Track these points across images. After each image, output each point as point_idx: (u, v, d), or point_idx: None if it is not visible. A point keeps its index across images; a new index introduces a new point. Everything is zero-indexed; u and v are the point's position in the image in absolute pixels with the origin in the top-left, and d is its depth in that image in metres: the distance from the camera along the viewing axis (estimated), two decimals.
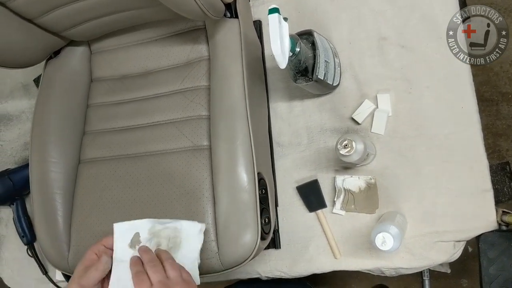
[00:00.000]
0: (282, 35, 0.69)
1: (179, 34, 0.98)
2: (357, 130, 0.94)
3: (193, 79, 0.94)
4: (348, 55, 0.96)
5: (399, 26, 0.93)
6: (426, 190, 0.88)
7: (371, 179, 0.91)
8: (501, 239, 0.84)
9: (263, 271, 0.99)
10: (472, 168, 0.86)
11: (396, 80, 0.92)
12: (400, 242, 0.76)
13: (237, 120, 0.84)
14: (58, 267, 0.95)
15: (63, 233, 0.94)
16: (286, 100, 1.01)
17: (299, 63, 0.78)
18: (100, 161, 0.97)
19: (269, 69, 1.03)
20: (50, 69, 1.03)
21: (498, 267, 0.84)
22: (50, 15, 0.90)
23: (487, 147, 0.87)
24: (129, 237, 0.73)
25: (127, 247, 0.73)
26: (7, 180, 1.10)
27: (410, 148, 0.90)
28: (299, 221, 0.97)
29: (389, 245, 0.75)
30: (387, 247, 0.75)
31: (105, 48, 1.05)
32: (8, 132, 1.28)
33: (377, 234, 0.75)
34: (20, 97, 1.28)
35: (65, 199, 0.95)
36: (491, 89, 1.46)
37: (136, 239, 0.74)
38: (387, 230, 0.75)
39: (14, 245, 1.20)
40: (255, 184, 0.81)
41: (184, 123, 0.92)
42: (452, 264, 0.96)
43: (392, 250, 0.75)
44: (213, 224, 0.83)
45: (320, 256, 0.94)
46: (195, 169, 0.87)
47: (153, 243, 0.74)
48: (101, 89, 1.03)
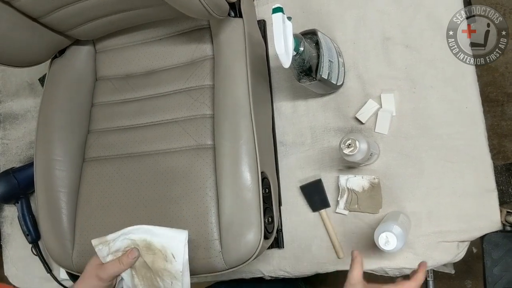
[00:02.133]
0: (286, 35, 0.69)
1: (183, 33, 0.99)
2: (361, 130, 0.94)
3: (197, 78, 0.94)
4: (352, 54, 0.96)
5: (403, 25, 0.93)
6: (430, 190, 0.88)
7: (374, 179, 0.91)
8: (505, 240, 0.84)
9: (266, 271, 0.99)
10: (476, 168, 0.86)
11: (400, 80, 0.92)
12: (404, 242, 0.75)
13: (241, 119, 0.84)
14: (62, 265, 0.95)
15: (67, 231, 0.94)
16: (290, 100, 1.01)
17: (303, 62, 0.78)
18: (104, 159, 0.97)
19: (273, 69, 1.03)
20: (55, 68, 1.04)
21: (502, 268, 0.84)
22: (55, 14, 0.90)
23: (492, 147, 0.87)
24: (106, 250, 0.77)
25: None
26: (12, 179, 1.10)
27: (414, 148, 0.90)
28: (303, 220, 0.97)
29: (392, 244, 0.74)
30: (390, 247, 0.74)
31: (110, 47, 1.06)
32: (13, 130, 1.29)
33: (380, 233, 0.75)
34: (25, 96, 1.29)
35: (69, 198, 0.96)
36: (497, 89, 1.46)
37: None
38: (390, 229, 0.74)
39: (19, 243, 1.21)
40: (258, 183, 0.82)
41: (188, 122, 0.92)
42: (456, 265, 0.95)
43: (395, 250, 0.74)
44: (216, 223, 0.83)
45: (323, 256, 0.94)
46: (199, 168, 0.87)
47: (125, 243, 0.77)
48: (106, 88, 1.04)
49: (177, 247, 0.75)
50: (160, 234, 0.76)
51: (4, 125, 1.30)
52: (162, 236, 0.75)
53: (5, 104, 1.31)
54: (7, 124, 1.30)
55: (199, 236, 0.84)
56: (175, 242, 0.75)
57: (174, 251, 0.75)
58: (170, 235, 0.75)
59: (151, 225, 0.76)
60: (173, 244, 0.75)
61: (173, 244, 0.75)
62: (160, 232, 0.76)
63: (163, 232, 0.76)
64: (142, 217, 0.89)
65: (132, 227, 0.76)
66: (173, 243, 0.75)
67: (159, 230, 0.76)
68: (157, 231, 0.76)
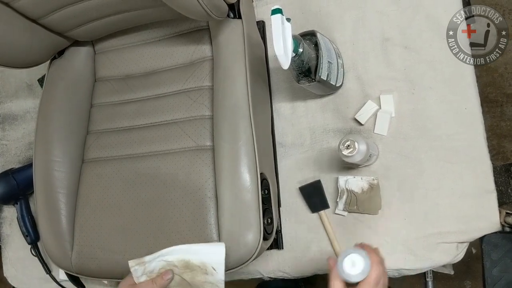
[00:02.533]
0: (285, 36, 0.69)
1: (182, 35, 0.99)
2: (360, 131, 0.94)
3: (197, 79, 0.94)
4: (351, 55, 0.96)
5: (402, 26, 0.93)
6: (429, 191, 0.88)
7: (373, 180, 0.91)
8: (504, 241, 0.84)
9: (265, 271, 0.99)
10: (476, 169, 0.86)
11: (399, 81, 0.92)
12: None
13: (240, 120, 0.84)
14: (61, 266, 0.95)
15: (66, 232, 0.94)
16: (289, 101, 1.01)
17: (302, 63, 0.78)
18: (103, 160, 0.97)
19: (272, 70, 1.03)
20: (54, 69, 1.04)
21: (502, 269, 0.84)
22: (55, 15, 0.90)
23: (491, 148, 0.87)
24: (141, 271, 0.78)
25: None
26: (11, 180, 1.10)
27: (413, 149, 0.90)
28: (302, 221, 0.97)
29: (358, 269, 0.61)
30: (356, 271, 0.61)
31: (109, 48, 1.06)
32: (12, 131, 1.29)
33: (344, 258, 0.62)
34: (24, 96, 1.29)
35: (68, 199, 0.96)
36: (496, 90, 1.46)
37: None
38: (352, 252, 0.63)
39: (18, 244, 1.21)
40: (257, 184, 0.81)
41: (187, 123, 0.92)
42: (455, 266, 0.95)
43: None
44: (215, 224, 0.83)
45: (322, 257, 0.94)
46: (198, 169, 0.87)
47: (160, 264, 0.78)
48: (105, 89, 1.04)
49: (218, 260, 0.77)
50: (198, 251, 0.77)
51: (3, 126, 1.30)
52: (200, 253, 0.77)
53: (4, 105, 1.31)
54: (6, 125, 1.30)
55: (198, 237, 0.83)
56: (215, 256, 0.77)
57: (215, 264, 0.77)
58: (209, 251, 0.77)
59: (185, 243, 0.78)
60: (213, 258, 0.77)
61: (213, 258, 0.77)
62: (197, 249, 0.78)
63: (200, 248, 0.78)
64: (141, 218, 0.89)
65: (169, 249, 0.78)
66: (213, 258, 0.77)
67: (196, 247, 0.78)
68: (194, 248, 0.78)
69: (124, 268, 0.83)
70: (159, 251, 0.78)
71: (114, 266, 0.89)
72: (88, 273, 0.93)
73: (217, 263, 0.77)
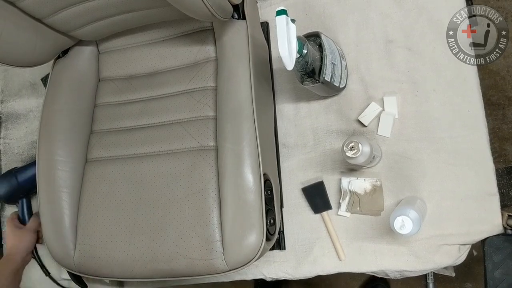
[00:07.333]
0: (290, 37, 0.69)
1: (186, 35, 0.99)
2: (363, 132, 0.94)
3: (200, 80, 0.94)
4: (355, 57, 0.96)
5: (406, 28, 0.93)
6: (431, 193, 0.88)
7: (376, 181, 0.91)
8: (506, 243, 0.84)
9: (267, 272, 0.99)
10: (478, 171, 0.86)
11: (402, 82, 0.92)
12: (419, 228, 0.74)
13: (243, 121, 0.84)
14: (64, 265, 0.95)
15: (69, 231, 0.94)
16: (292, 102, 1.01)
17: (306, 65, 0.78)
18: (106, 160, 0.97)
19: (276, 71, 1.03)
20: (58, 68, 1.04)
21: (503, 271, 0.84)
22: (59, 15, 0.91)
23: (493, 151, 0.87)
24: None
25: None
26: (15, 179, 1.10)
27: (415, 151, 0.90)
28: (304, 222, 0.97)
29: (407, 229, 0.72)
30: (406, 230, 0.72)
31: (113, 48, 1.06)
32: (15, 130, 1.29)
33: (396, 217, 0.73)
34: (28, 95, 1.29)
35: (71, 198, 0.96)
36: (498, 93, 1.46)
37: None
38: (407, 214, 0.73)
39: None
40: (260, 185, 0.82)
41: (191, 123, 0.92)
42: (456, 268, 0.95)
43: (410, 234, 0.73)
44: (218, 224, 0.84)
45: (324, 258, 0.94)
46: (201, 169, 0.87)
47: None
48: (109, 89, 1.04)
49: None
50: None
51: (6, 124, 1.30)
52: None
53: (7, 103, 1.31)
54: (9, 123, 1.30)
55: (201, 237, 0.84)
56: None
57: None
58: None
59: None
60: None
61: None
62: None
63: None
64: (144, 218, 0.89)
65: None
66: None
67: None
68: None
69: (126, 268, 0.83)
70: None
71: (116, 266, 0.89)
72: (90, 272, 0.93)
73: None
